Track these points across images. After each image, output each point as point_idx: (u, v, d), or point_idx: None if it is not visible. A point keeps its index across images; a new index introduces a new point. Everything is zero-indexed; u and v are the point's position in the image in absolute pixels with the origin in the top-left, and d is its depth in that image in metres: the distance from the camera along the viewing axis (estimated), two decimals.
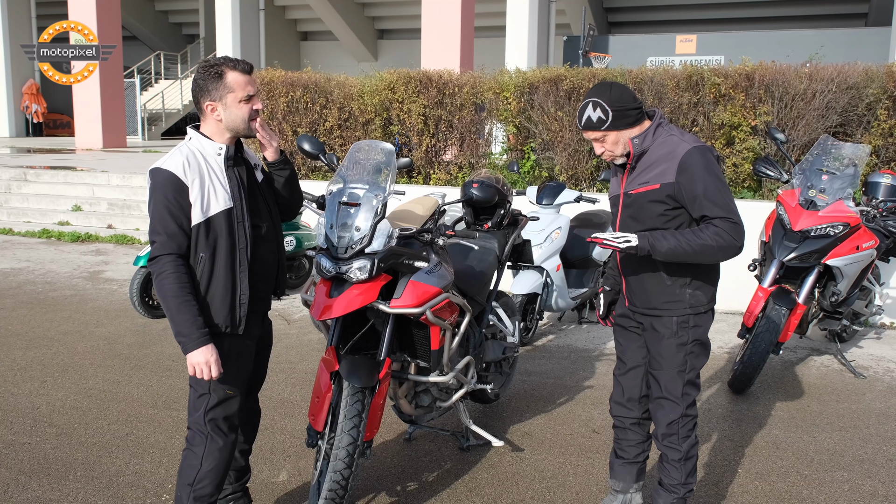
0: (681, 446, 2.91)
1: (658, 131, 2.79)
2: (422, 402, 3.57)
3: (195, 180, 2.61)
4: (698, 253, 2.69)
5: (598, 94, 2.75)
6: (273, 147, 2.84)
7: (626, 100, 2.74)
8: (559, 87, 7.71)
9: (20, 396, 4.51)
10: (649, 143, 2.78)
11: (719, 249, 2.68)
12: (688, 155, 2.69)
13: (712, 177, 2.68)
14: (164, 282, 2.57)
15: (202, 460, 2.76)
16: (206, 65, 2.68)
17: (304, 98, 8.75)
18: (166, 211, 2.58)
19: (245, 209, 2.72)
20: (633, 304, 2.96)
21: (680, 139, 2.75)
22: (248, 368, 2.83)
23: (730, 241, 2.67)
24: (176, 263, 2.58)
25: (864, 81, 6.91)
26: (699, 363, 2.91)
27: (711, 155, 2.72)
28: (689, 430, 2.92)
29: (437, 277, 3.19)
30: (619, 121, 2.74)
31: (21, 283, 7.30)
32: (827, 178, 4.76)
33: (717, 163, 2.73)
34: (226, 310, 2.68)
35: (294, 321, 6.22)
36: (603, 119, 2.74)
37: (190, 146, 2.70)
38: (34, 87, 20.97)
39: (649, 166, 2.77)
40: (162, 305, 2.62)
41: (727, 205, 2.69)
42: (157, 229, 2.59)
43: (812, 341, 5.82)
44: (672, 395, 2.89)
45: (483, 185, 4.26)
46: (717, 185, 2.68)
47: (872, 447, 4.03)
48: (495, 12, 18.95)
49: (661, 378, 2.91)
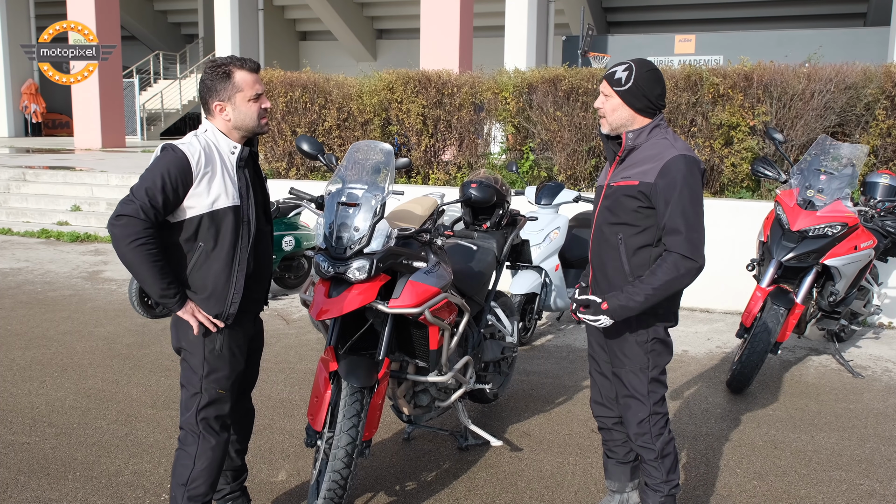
0: (654, 444, 2.90)
1: (654, 131, 2.79)
2: (420, 402, 3.58)
3: (208, 173, 2.61)
4: (667, 289, 2.70)
5: (638, 64, 2.76)
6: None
7: (653, 90, 2.74)
8: (558, 87, 7.71)
9: (19, 396, 4.51)
10: (642, 140, 2.78)
11: (682, 277, 2.68)
12: (673, 161, 2.68)
13: (688, 188, 2.66)
14: (139, 247, 2.52)
15: (195, 460, 2.76)
16: (213, 65, 2.68)
17: (303, 98, 8.76)
18: (162, 184, 2.55)
19: (251, 210, 2.73)
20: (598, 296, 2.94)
21: (671, 144, 2.74)
22: (239, 367, 2.83)
23: (688, 265, 2.66)
24: (151, 231, 2.55)
25: (862, 81, 6.92)
26: (662, 361, 2.91)
27: (696, 167, 2.70)
28: (661, 427, 2.91)
29: (435, 277, 3.19)
30: (633, 97, 2.74)
31: (20, 283, 7.30)
32: (825, 178, 4.77)
33: (701, 176, 2.72)
34: (213, 302, 2.68)
35: (293, 321, 6.23)
36: (622, 82, 2.74)
37: (207, 137, 2.69)
38: (33, 87, 20.97)
39: (636, 163, 2.77)
40: (131, 266, 2.57)
41: (692, 220, 2.67)
42: (144, 194, 2.53)
43: (810, 341, 5.83)
44: (638, 394, 2.88)
45: (481, 185, 4.26)
46: (691, 197, 2.66)
47: (870, 447, 4.04)
48: (494, 12, 18.95)
49: (625, 377, 2.91)
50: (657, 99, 2.77)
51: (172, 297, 2.63)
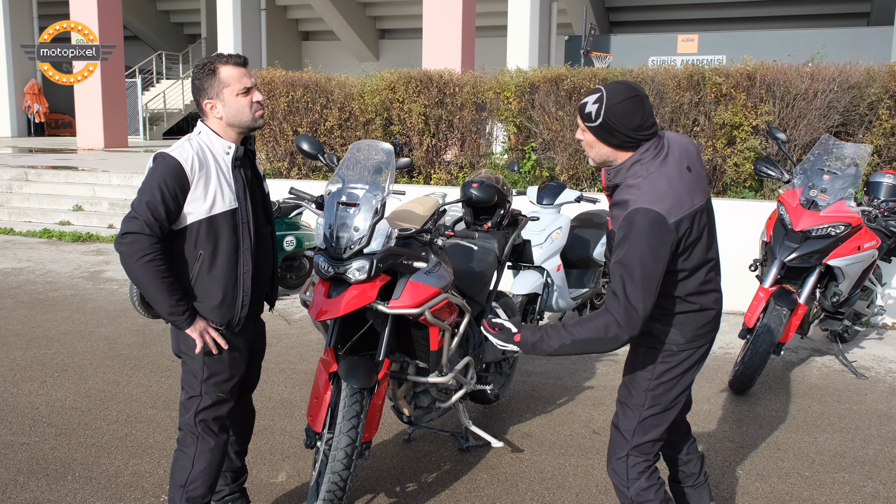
0: (627, 488, 2.63)
1: (633, 169, 2.44)
2: (421, 403, 3.56)
3: (202, 178, 2.58)
4: (586, 347, 2.44)
5: (611, 94, 2.41)
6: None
7: (629, 122, 2.40)
8: (560, 87, 7.70)
9: (19, 396, 4.50)
10: (621, 178, 2.47)
11: (606, 342, 2.40)
12: (633, 213, 2.35)
13: (641, 246, 2.32)
14: (147, 263, 2.50)
15: (193, 461, 2.75)
16: (198, 64, 2.66)
17: (305, 98, 8.75)
18: (161, 195, 2.52)
19: (250, 211, 2.71)
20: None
21: (639, 192, 2.38)
22: (239, 371, 2.81)
23: (617, 333, 2.37)
24: (158, 247, 2.53)
25: (865, 81, 6.89)
26: (664, 399, 2.64)
27: (659, 224, 2.33)
28: (639, 472, 2.63)
29: (436, 278, 3.17)
30: (606, 133, 2.44)
31: (21, 283, 7.29)
32: (828, 178, 4.74)
33: (662, 232, 2.34)
34: (224, 309, 2.67)
35: (294, 321, 6.22)
36: (592, 116, 2.43)
37: (200, 140, 2.66)
38: (36, 87, 21.00)
39: (617, 203, 2.47)
40: (141, 284, 2.55)
41: (633, 287, 2.34)
42: (146, 209, 2.51)
43: (813, 342, 5.81)
44: (623, 429, 2.66)
45: (483, 185, 4.25)
46: (641, 260, 2.32)
47: (874, 448, 4.02)
48: (496, 12, 18.95)
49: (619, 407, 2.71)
50: (636, 131, 2.41)
51: (181, 315, 2.59)
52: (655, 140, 2.47)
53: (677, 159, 2.49)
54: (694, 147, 2.61)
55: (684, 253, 2.45)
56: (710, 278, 2.55)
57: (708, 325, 2.59)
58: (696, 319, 2.55)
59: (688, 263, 2.48)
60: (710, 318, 2.59)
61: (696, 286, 2.52)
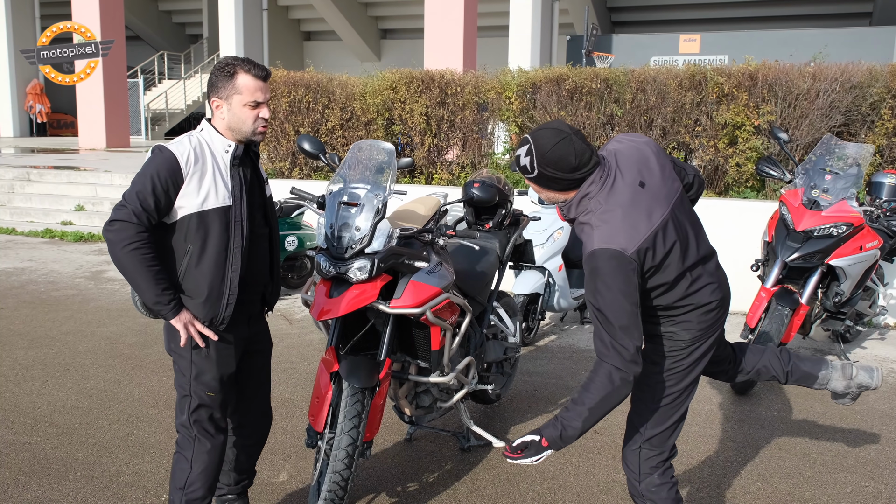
0: (638, 482, 2.67)
1: (582, 204, 2.41)
2: (422, 403, 3.56)
3: (197, 173, 2.59)
4: (604, 406, 2.37)
5: (538, 142, 2.36)
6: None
7: (565, 165, 2.35)
8: (562, 87, 7.69)
9: (21, 396, 4.51)
10: (573, 214, 2.45)
11: (619, 390, 2.36)
12: (591, 256, 2.34)
13: (609, 292, 2.30)
14: (133, 251, 2.50)
15: (192, 463, 2.75)
16: (222, 61, 2.66)
17: (307, 98, 8.75)
18: (152, 186, 2.54)
19: (244, 210, 2.70)
20: None
21: (591, 231, 2.36)
22: (228, 370, 2.78)
23: (622, 377, 2.34)
24: (146, 236, 2.53)
25: (867, 81, 6.88)
26: (676, 388, 2.65)
27: (618, 262, 2.29)
28: (652, 467, 2.64)
29: (437, 277, 3.17)
30: (546, 181, 2.41)
31: (23, 283, 7.30)
32: (830, 178, 4.74)
33: (624, 268, 2.30)
34: (208, 306, 2.65)
35: (295, 321, 6.22)
36: (528, 169, 2.40)
37: (201, 137, 2.67)
38: (38, 87, 21.02)
39: (580, 234, 2.46)
40: (126, 272, 2.55)
41: (613, 328, 2.32)
42: (135, 198, 2.52)
43: (815, 342, 5.80)
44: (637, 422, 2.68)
45: (484, 184, 4.25)
46: (612, 301, 2.30)
47: (876, 449, 4.01)
48: (498, 12, 18.96)
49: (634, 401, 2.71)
50: (574, 172, 2.36)
51: (167, 304, 2.59)
52: (599, 170, 2.41)
53: (628, 181, 2.42)
54: (649, 148, 2.53)
55: (657, 272, 2.42)
56: (697, 276, 2.51)
57: (711, 316, 2.57)
58: (697, 316, 2.55)
59: (666, 277, 2.45)
60: (711, 310, 2.57)
61: (682, 292, 2.50)
